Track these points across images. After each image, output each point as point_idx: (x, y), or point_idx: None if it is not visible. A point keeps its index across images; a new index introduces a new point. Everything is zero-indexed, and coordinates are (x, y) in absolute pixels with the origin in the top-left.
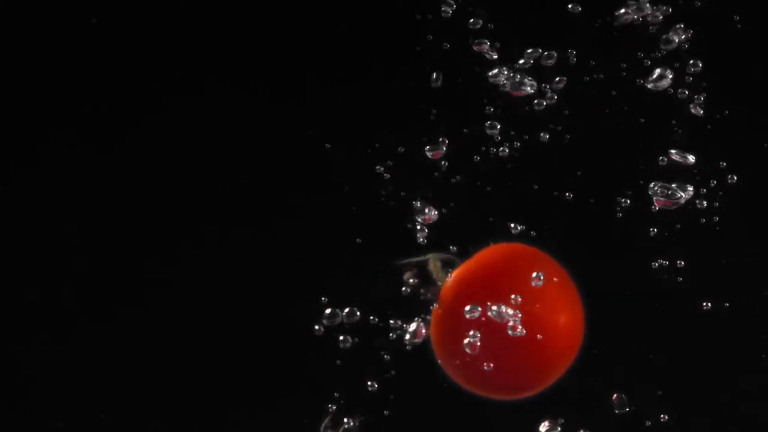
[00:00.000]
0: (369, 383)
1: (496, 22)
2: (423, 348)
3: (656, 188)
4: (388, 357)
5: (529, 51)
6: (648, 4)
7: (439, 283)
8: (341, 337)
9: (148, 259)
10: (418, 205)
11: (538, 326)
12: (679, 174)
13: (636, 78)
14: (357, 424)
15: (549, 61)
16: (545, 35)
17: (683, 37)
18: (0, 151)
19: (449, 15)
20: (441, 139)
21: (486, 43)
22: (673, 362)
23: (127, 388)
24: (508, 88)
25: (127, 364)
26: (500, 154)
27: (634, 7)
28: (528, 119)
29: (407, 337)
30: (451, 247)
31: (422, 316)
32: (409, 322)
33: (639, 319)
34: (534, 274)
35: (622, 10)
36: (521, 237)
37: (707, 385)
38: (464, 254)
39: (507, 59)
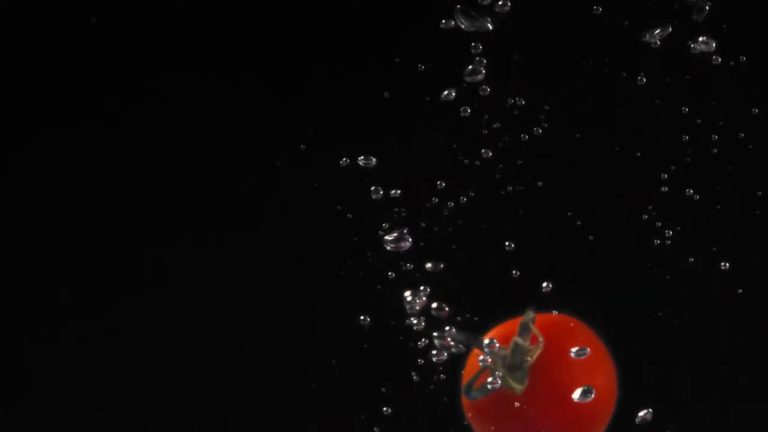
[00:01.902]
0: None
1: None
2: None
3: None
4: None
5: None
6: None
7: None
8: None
9: (149, 259)
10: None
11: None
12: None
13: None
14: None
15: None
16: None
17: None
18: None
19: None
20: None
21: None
22: (673, 363)
23: (127, 388)
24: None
25: (127, 364)
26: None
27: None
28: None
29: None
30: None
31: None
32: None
33: (638, 321)
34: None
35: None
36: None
37: (707, 385)
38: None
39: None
